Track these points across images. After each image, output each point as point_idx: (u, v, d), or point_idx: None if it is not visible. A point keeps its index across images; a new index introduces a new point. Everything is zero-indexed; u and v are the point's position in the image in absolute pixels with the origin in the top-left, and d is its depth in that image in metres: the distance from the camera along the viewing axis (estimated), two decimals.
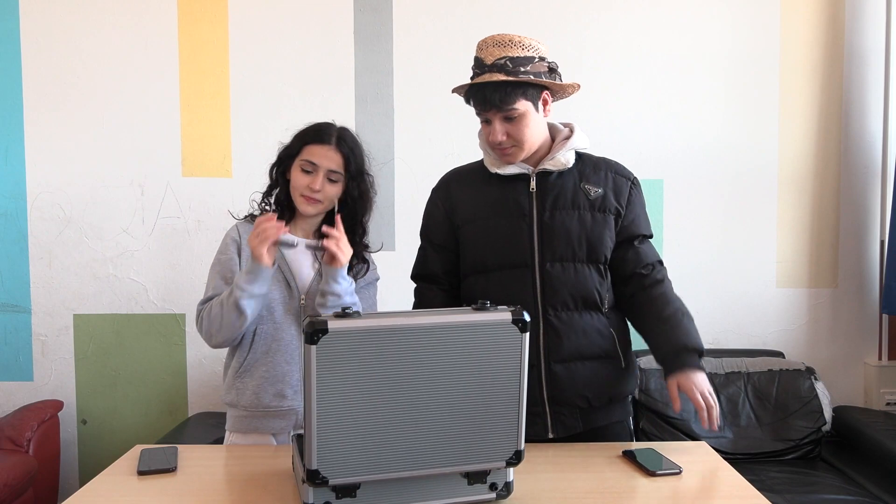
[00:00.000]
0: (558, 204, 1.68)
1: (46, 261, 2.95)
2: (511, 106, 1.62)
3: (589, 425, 1.70)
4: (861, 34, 2.96)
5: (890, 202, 2.90)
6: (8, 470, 2.46)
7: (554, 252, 1.66)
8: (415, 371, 1.21)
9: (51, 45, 2.91)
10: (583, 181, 1.70)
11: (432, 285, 1.82)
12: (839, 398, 2.96)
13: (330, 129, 1.74)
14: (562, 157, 1.68)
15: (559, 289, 1.66)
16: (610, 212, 1.70)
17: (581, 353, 1.67)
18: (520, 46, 1.62)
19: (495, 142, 1.66)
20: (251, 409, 1.72)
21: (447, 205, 1.78)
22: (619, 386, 1.71)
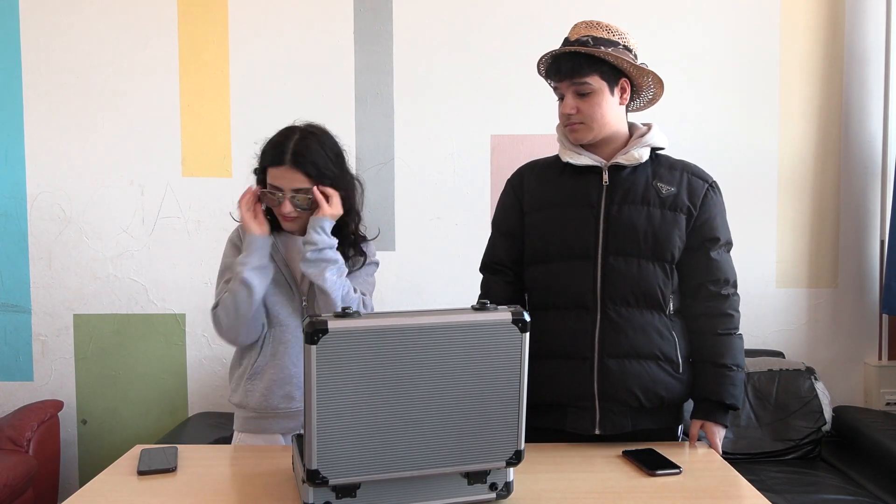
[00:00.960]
0: (628, 198, 1.67)
1: (46, 261, 2.95)
2: (582, 78, 1.62)
3: (637, 426, 1.68)
4: (861, 34, 2.96)
5: (890, 202, 2.90)
6: (8, 470, 2.46)
7: (618, 245, 1.65)
8: (415, 371, 1.21)
9: (51, 45, 2.91)
10: (656, 179, 1.69)
11: (497, 277, 1.80)
12: (839, 398, 2.96)
13: (285, 144, 1.66)
14: (636, 152, 1.68)
15: (620, 283, 1.64)
16: (681, 211, 1.67)
17: (638, 350, 1.65)
18: (607, 30, 1.67)
19: (564, 113, 1.66)
20: (260, 411, 1.72)
21: (519, 193, 1.78)
22: (672, 390, 1.68)
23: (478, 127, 2.95)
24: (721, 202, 1.74)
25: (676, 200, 1.68)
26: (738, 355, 1.71)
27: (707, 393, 1.68)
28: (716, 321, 1.70)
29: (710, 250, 1.70)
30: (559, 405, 1.68)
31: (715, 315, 1.70)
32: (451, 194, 2.96)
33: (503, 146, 2.94)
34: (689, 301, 1.72)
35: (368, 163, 2.96)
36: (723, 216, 1.74)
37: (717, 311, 1.70)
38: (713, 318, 1.70)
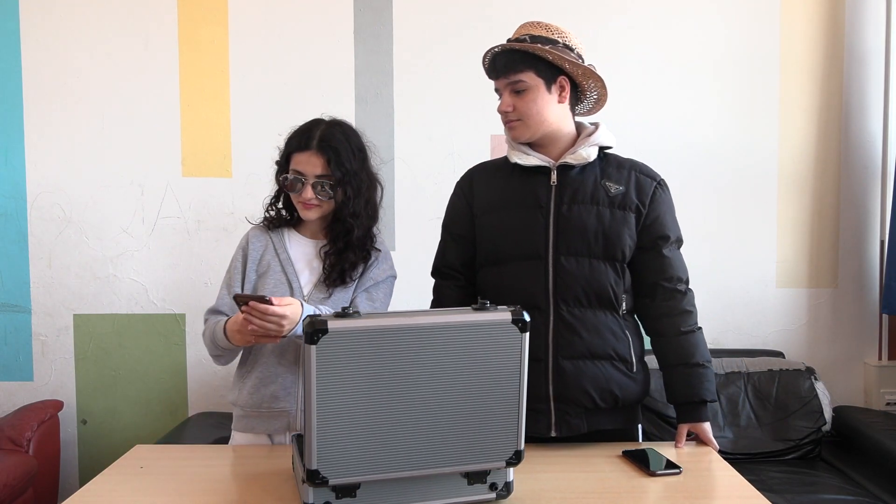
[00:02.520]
0: (577, 198, 1.67)
1: (46, 261, 2.95)
2: (517, 75, 1.64)
3: (593, 427, 1.68)
4: (861, 34, 2.96)
5: (890, 202, 2.90)
6: (8, 470, 2.46)
7: (569, 245, 1.65)
8: (415, 371, 1.21)
9: (51, 45, 2.91)
10: (604, 178, 1.70)
11: (449, 282, 1.81)
12: (839, 398, 2.96)
13: (312, 130, 1.69)
14: (583, 151, 1.68)
15: (572, 283, 1.65)
16: (630, 209, 1.68)
17: (592, 351, 1.65)
18: (546, 29, 1.68)
19: (500, 111, 1.69)
20: (247, 409, 1.73)
21: (468, 195, 1.80)
22: (627, 390, 1.69)
23: (478, 127, 2.95)
24: (669, 199, 1.75)
25: (625, 199, 1.68)
26: (705, 351, 1.73)
27: (688, 396, 1.69)
28: (677, 320, 1.71)
29: (662, 248, 1.71)
30: None
31: (675, 314, 1.71)
32: None
33: (503, 146, 2.92)
34: (646, 301, 1.73)
35: None
36: (672, 213, 1.75)
37: (676, 309, 1.71)
38: (674, 317, 1.71)
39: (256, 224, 1.83)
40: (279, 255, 1.75)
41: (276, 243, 1.77)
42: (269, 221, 1.79)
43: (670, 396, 1.74)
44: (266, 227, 1.79)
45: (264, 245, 1.77)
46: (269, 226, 1.79)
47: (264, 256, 1.76)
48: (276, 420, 1.71)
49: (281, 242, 1.77)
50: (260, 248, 1.77)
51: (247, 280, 1.75)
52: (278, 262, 1.74)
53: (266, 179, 1.85)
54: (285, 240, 1.78)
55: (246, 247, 1.78)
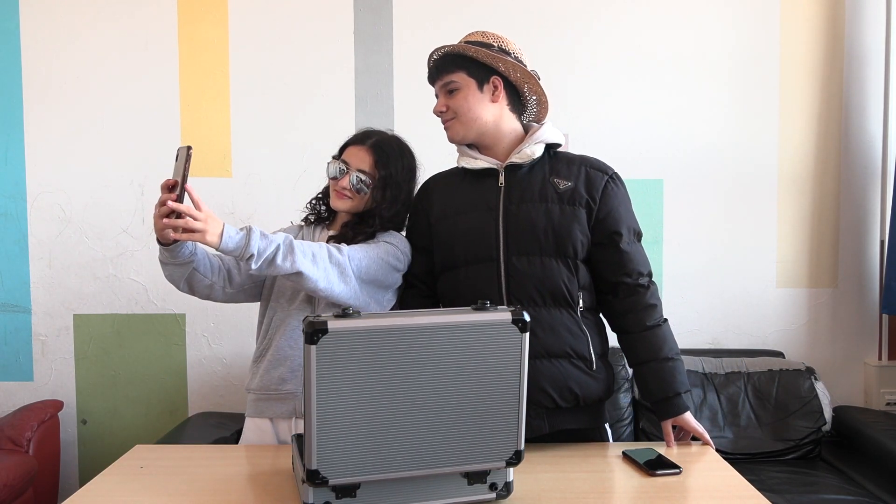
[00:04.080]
0: (525, 197, 1.67)
1: (46, 261, 2.95)
2: (448, 75, 1.69)
3: (555, 427, 1.66)
4: (861, 34, 2.96)
5: (890, 202, 2.90)
6: (8, 470, 2.46)
7: (519, 245, 1.65)
8: (415, 371, 1.21)
9: (51, 45, 2.91)
10: (553, 175, 1.70)
11: (413, 290, 1.83)
12: (839, 398, 2.96)
13: (374, 133, 1.84)
14: (528, 149, 1.69)
15: (525, 283, 1.64)
16: (580, 205, 1.67)
17: (548, 350, 1.64)
18: (482, 35, 1.71)
19: (435, 112, 1.74)
20: (258, 392, 1.77)
21: (425, 205, 1.82)
22: (588, 388, 1.67)
23: None
24: (623, 192, 1.73)
25: (574, 194, 1.67)
26: (673, 344, 1.72)
27: (664, 391, 1.68)
28: (642, 315, 1.69)
29: (619, 243, 1.69)
30: None
31: (640, 309, 1.69)
32: None
33: None
34: (608, 298, 1.72)
35: None
36: (626, 206, 1.72)
37: (640, 304, 1.69)
38: (638, 312, 1.69)
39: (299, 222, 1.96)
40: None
41: (305, 236, 1.87)
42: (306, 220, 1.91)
43: (644, 394, 1.73)
44: (304, 224, 1.91)
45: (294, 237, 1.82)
46: (307, 220, 1.91)
47: None
48: (282, 403, 1.74)
49: (310, 236, 1.86)
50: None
51: None
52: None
53: (266, 180, 1.85)
54: (314, 234, 1.87)
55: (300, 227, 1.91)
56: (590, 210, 1.68)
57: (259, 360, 1.80)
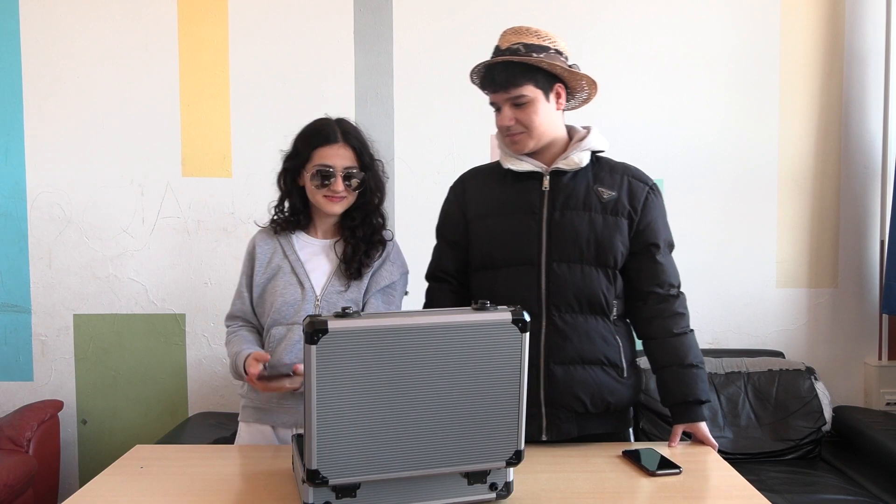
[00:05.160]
0: (569, 204, 1.67)
1: (46, 261, 2.95)
2: (517, 89, 1.62)
3: (584, 431, 1.68)
4: (861, 34, 2.96)
5: (890, 202, 2.90)
6: (8, 470, 2.46)
7: (561, 252, 1.65)
8: (415, 371, 1.21)
9: (51, 45, 2.90)
10: (596, 183, 1.69)
11: (443, 285, 1.82)
12: (839, 398, 2.96)
13: (331, 126, 1.75)
14: (575, 156, 1.67)
15: (564, 289, 1.65)
16: (622, 215, 1.68)
17: (583, 356, 1.66)
18: (536, 35, 1.66)
19: (503, 126, 1.66)
20: (256, 402, 1.76)
21: (461, 201, 1.79)
22: (618, 395, 1.69)
23: (478, 127, 2.94)
24: (661, 204, 1.74)
25: (617, 205, 1.68)
26: (698, 353, 1.72)
27: (682, 396, 1.69)
28: (669, 322, 1.70)
29: (656, 255, 1.70)
30: None
31: (667, 316, 1.70)
32: None
33: None
34: (638, 304, 1.73)
35: None
36: (664, 218, 1.74)
37: (668, 311, 1.70)
38: (666, 318, 1.70)
39: (263, 227, 1.85)
40: (289, 257, 1.77)
41: (285, 245, 1.79)
42: (276, 224, 1.81)
43: (664, 398, 1.74)
44: (273, 230, 1.81)
45: (272, 249, 1.79)
46: (277, 229, 1.80)
47: (272, 260, 1.78)
48: (286, 414, 1.74)
49: (289, 244, 1.79)
50: (268, 251, 1.79)
51: (255, 285, 1.78)
52: (288, 264, 1.76)
53: (266, 180, 1.85)
54: (293, 241, 1.80)
55: (253, 251, 1.81)
56: (631, 221, 1.69)
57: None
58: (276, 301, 1.73)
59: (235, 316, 1.82)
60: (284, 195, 1.80)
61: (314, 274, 1.76)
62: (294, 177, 1.77)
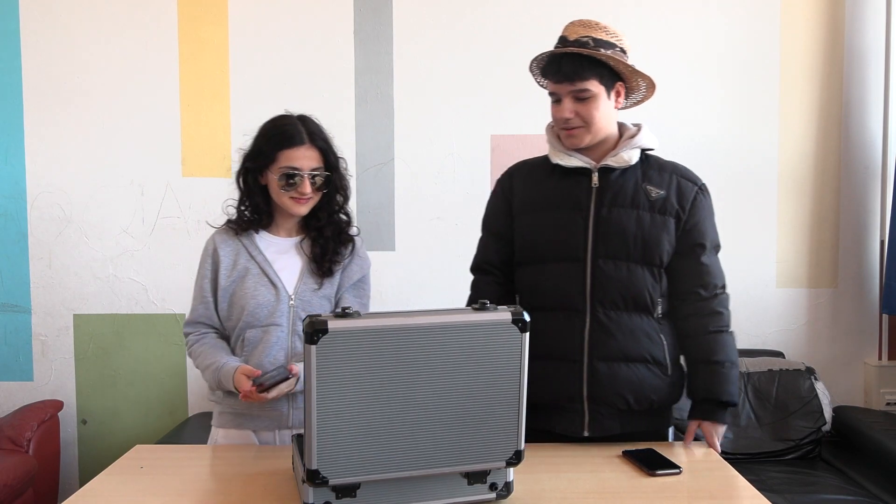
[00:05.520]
0: (617, 201, 1.67)
1: (46, 261, 2.95)
2: (583, 82, 1.60)
3: (626, 428, 1.68)
4: (861, 34, 2.96)
5: (890, 202, 2.90)
6: (8, 470, 2.46)
7: (608, 249, 1.65)
8: (415, 371, 1.21)
9: (51, 45, 2.90)
10: (645, 181, 1.69)
11: (488, 277, 1.80)
12: (839, 398, 2.96)
13: (297, 126, 1.70)
14: (625, 154, 1.67)
15: (609, 286, 1.65)
16: (670, 214, 1.67)
17: (627, 353, 1.65)
18: (605, 31, 1.66)
19: (562, 118, 1.64)
20: (235, 408, 1.72)
21: (508, 193, 1.79)
22: (661, 393, 1.69)
23: (478, 127, 2.95)
24: (710, 205, 1.74)
25: (665, 204, 1.67)
26: (731, 352, 1.70)
27: (703, 392, 1.68)
28: (706, 320, 1.69)
29: (701, 255, 1.69)
30: (548, 406, 1.68)
31: (705, 314, 1.69)
32: (451, 194, 2.96)
33: (503, 146, 2.94)
34: (677, 303, 1.72)
35: (368, 163, 2.96)
36: (711, 219, 1.74)
37: (706, 310, 1.69)
38: (703, 317, 1.69)
39: (220, 228, 1.80)
40: (255, 258, 1.73)
41: (249, 246, 1.74)
42: (237, 224, 1.75)
43: (689, 392, 1.73)
44: (234, 231, 1.76)
45: (235, 250, 1.74)
46: (238, 229, 1.75)
47: (238, 261, 1.73)
48: (267, 419, 1.71)
49: (253, 244, 1.74)
50: (231, 253, 1.74)
51: (220, 289, 1.73)
52: (255, 265, 1.72)
53: None
54: (257, 241, 1.75)
55: (215, 254, 1.75)
56: (678, 220, 1.68)
57: None
58: (247, 304, 1.69)
59: (197, 322, 1.76)
60: (246, 195, 1.75)
61: (283, 273, 1.72)
62: (256, 176, 1.73)
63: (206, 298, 1.74)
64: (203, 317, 1.75)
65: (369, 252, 1.87)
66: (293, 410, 1.70)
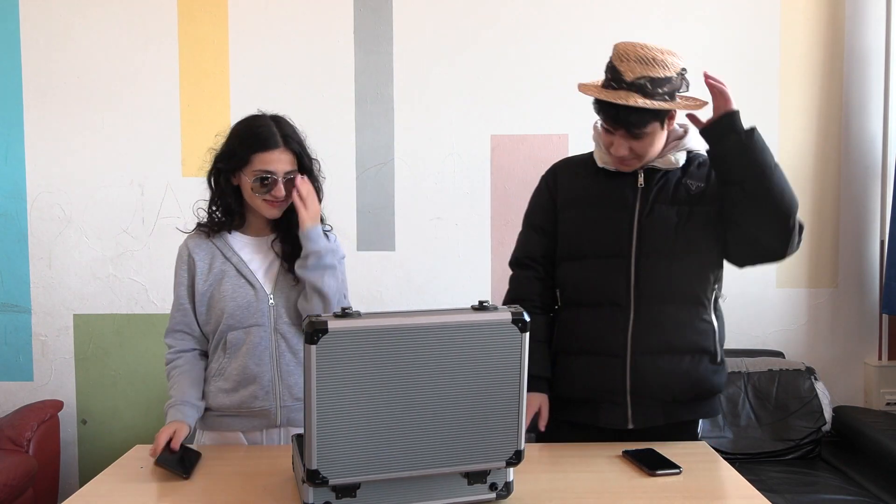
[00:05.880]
0: (660, 198, 1.68)
1: (46, 261, 2.95)
2: (642, 128, 1.60)
3: (671, 419, 1.69)
4: (861, 34, 2.96)
5: (890, 202, 2.90)
6: (8, 470, 2.46)
7: (652, 245, 1.66)
8: (415, 371, 1.21)
9: (51, 45, 2.91)
10: (686, 177, 1.71)
11: (529, 272, 1.80)
12: (839, 398, 2.96)
13: (271, 129, 1.67)
14: (672, 157, 1.69)
15: (653, 282, 1.66)
16: (711, 203, 1.68)
17: (671, 346, 1.66)
18: (662, 66, 1.59)
19: (618, 155, 1.64)
20: (222, 410, 1.71)
21: (553, 189, 1.80)
22: (707, 382, 1.69)
23: (478, 127, 2.95)
24: None
25: (704, 196, 1.69)
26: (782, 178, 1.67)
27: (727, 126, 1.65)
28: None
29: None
30: (591, 400, 1.70)
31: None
32: (451, 194, 2.96)
33: (503, 146, 2.94)
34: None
35: (368, 163, 2.96)
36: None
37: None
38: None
39: (190, 234, 1.77)
40: (230, 260, 1.71)
41: (223, 248, 1.72)
42: (209, 227, 1.73)
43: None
44: (206, 233, 1.74)
45: (209, 254, 1.72)
46: (210, 232, 1.73)
47: (213, 265, 1.71)
48: (253, 418, 1.71)
49: (227, 246, 1.72)
50: (206, 257, 1.72)
51: (198, 294, 1.71)
52: (231, 267, 1.70)
53: None
54: (230, 243, 1.73)
55: (189, 259, 1.72)
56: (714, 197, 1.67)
57: (218, 378, 1.71)
58: (226, 306, 1.68)
59: (177, 330, 1.74)
60: (218, 195, 1.72)
61: (259, 273, 1.72)
62: (228, 177, 1.70)
63: (184, 306, 1.72)
64: (182, 324, 1.73)
65: (369, 252, 1.88)
66: (281, 409, 1.70)
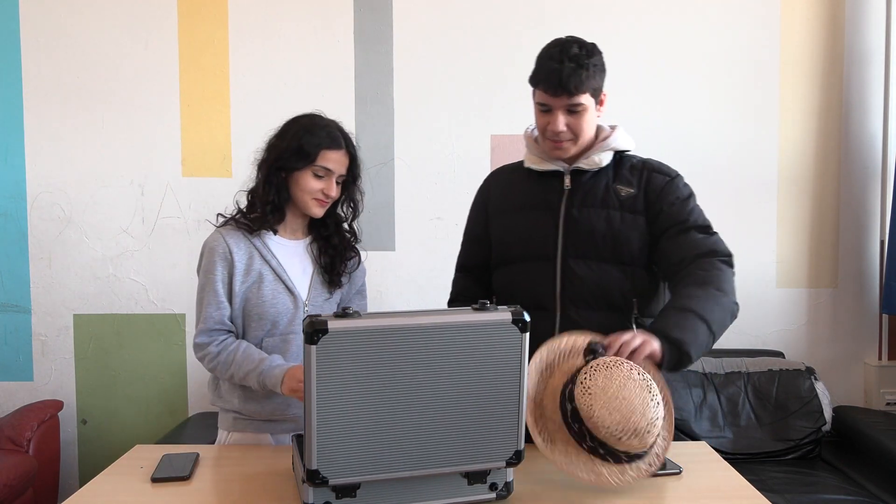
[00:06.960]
0: (587, 202, 1.68)
1: (46, 261, 2.95)
2: (578, 96, 1.60)
3: None
4: (861, 34, 2.96)
5: (890, 202, 2.90)
6: (8, 470, 2.46)
7: (577, 248, 1.66)
8: (415, 371, 1.21)
9: (51, 45, 2.90)
10: (616, 181, 1.69)
11: (468, 277, 1.87)
12: (839, 398, 2.96)
13: (337, 130, 1.70)
14: (596, 157, 1.68)
15: (579, 286, 1.65)
16: (641, 212, 1.67)
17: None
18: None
19: (555, 131, 1.64)
20: (253, 415, 1.68)
21: (485, 198, 1.84)
22: None
23: (478, 127, 2.95)
24: (684, 192, 1.68)
25: (636, 202, 1.67)
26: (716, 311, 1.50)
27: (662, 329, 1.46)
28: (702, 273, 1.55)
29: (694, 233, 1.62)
30: None
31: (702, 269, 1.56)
32: (451, 194, 2.96)
33: (503, 146, 2.94)
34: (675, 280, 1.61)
35: (368, 163, 2.95)
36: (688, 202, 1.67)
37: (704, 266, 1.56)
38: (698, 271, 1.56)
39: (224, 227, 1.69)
40: (269, 262, 1.65)
41: (261, 248, 1.66)
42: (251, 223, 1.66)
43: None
44: (247, 229, 1.66)
45: (247, 252, 1.65)
46: (251, 228, 1.65)
47: (252, 265, 1.64)
48: (287, 423, 1.70)
49: (265, 247, 1.67)
50: (244, 256, 1.64)
51: (234, 294, 1.63)
52: (270, 270, 1.65)
53: None
54: (268, 243, 1.68)
55: (227, 255, 1.62)
56: (647, 212, 1.66)
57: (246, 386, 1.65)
58: (266, 312, 1.63)
59: (213, 329, 1.62)
60: (273, 192, 1.64)
61: (297, 280, 1.69)
62: (288, 174, 1.65)
63: (222, 302, 1.62)
64: (219, 323, 1.62)
65: (369, 252, 1.90)
66: None
